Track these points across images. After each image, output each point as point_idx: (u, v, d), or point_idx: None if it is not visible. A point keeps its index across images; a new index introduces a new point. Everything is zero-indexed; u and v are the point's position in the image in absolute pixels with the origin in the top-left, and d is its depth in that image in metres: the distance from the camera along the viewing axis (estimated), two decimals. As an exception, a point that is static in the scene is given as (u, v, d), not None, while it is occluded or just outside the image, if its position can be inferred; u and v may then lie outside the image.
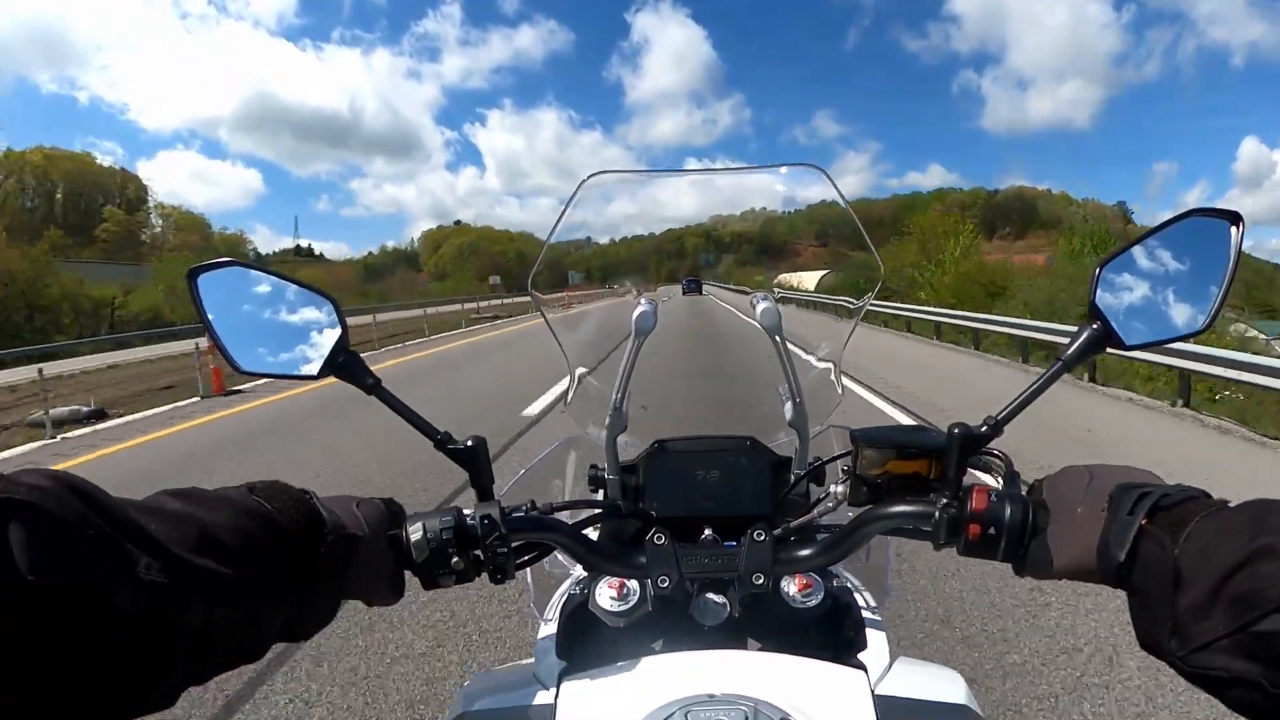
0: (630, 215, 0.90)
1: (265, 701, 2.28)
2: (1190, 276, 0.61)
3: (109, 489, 0.38)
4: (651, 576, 0.67)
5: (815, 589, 0.70)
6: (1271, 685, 0.38)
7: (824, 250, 10.83)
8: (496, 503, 0.62)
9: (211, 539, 0.42)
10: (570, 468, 0.91)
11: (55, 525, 0.33)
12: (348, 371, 0.64)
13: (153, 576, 0.37)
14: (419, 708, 2.23)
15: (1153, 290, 0.61)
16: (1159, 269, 0.61)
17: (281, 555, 0.47)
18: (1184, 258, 0.61)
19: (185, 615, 0.38)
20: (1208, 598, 0.41)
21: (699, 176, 0.96)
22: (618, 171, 0.79)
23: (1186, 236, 0.61)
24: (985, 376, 8.83)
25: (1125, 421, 6.32)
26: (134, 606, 0.36)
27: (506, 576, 0.62)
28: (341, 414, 6.81)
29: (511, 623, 2.74)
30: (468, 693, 0.66)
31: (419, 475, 4.57)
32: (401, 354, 14.04)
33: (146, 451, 6.25)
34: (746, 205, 1.03)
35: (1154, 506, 0.48)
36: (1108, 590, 0.52)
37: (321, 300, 0.66)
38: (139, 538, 0.37)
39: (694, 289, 0.71)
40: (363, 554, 0.55)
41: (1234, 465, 4.92)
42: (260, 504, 0.48)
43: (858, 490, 0.64)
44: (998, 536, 0.55)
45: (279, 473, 1.00)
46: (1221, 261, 0.59)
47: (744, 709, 0.52)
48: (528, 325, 18.76)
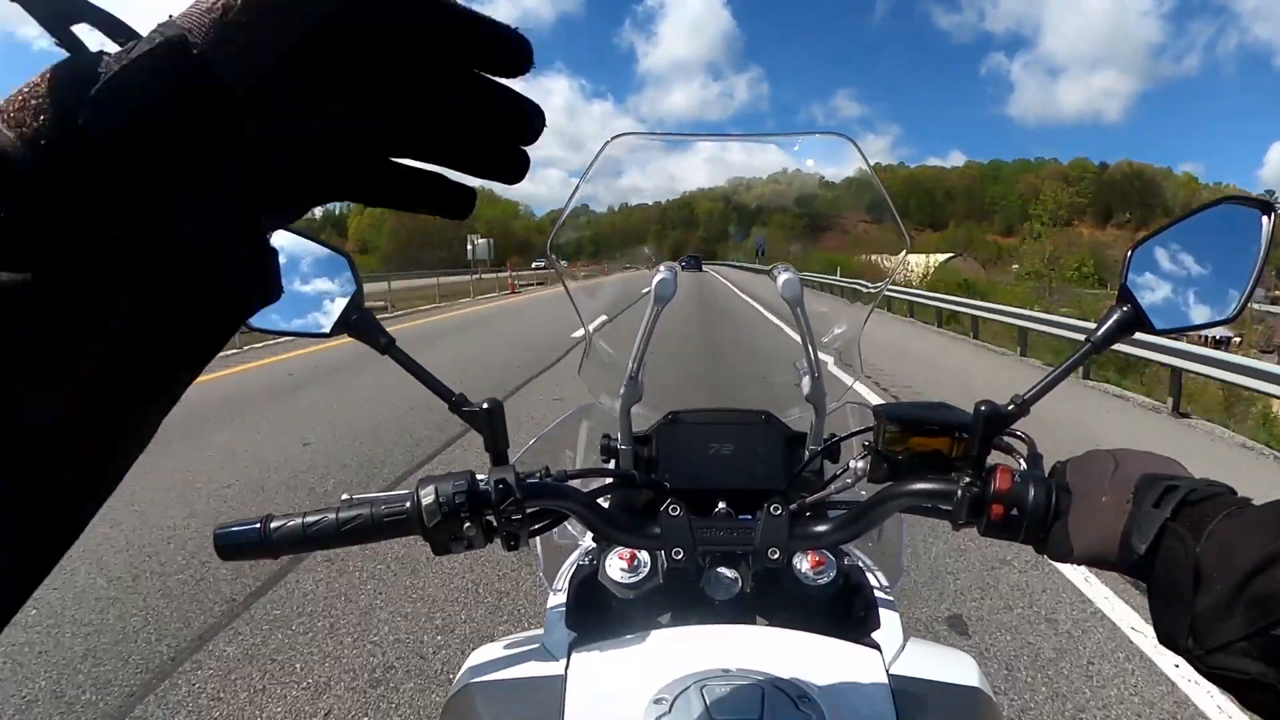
0: (642, 185, 0.88)
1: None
2: (1221, 264, 0.60)
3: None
4: (666, 548, 0.66)
5: (827, 567, 0.70)
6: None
7: (875, 227, 9.87)
8: (511, 468, 0.61)
9: None
10: (582, 437, 0.90)
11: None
12: (361, 330, 0.63)
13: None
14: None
15: (1183, 276, 0.61)
16: (1190, 255, 0.61)
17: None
18: (1215, 245, 0.61)
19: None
20: (1227, 598, 0.41)
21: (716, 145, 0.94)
22: (642, 134, 0.77)
23: (1218, 224, 0.60)
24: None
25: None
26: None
27: (520, 543, 0.61)
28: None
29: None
30: (475, 663, 0.65)
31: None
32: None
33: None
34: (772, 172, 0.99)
35: (1180, 502, 0.47)
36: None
37: (337, 258, 0.65)
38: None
39: (693, 266, 0.68)
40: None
41: None
42: None
43: (878, 466, 0.63)
44: (1020, 518, 0.54)
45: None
46: (1252, 250, 0.58)
47: (760, 684, 0.51)
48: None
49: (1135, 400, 7.10)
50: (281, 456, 4.48)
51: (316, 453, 4.54)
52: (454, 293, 22.17)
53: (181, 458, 4.41)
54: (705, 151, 0.89)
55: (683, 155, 0.97)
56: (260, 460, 4.42)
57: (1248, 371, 5.87)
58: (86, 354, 0.23)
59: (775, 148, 0.86)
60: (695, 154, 0.94)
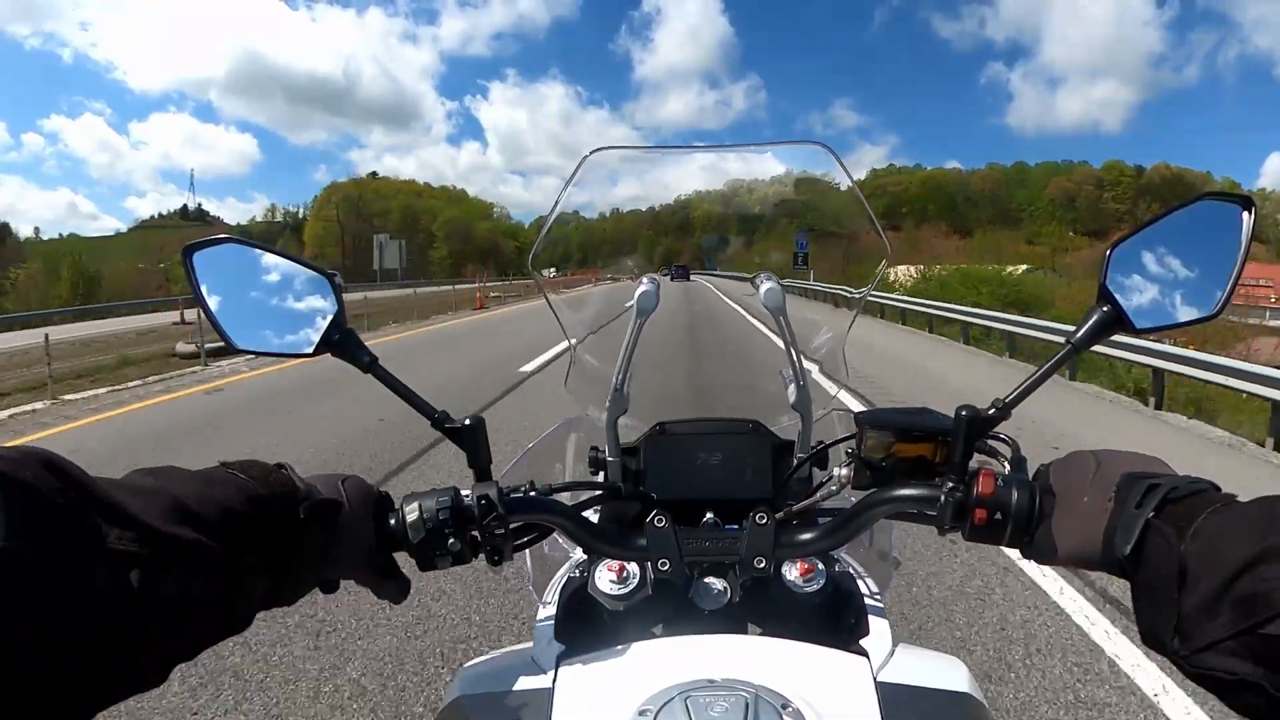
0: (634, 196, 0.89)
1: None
2: (1202, 261, 0.60)
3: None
4: (651, 559, 0.66)
5: (816, 574, 0.70)
6: (1275, 689, 0.37)
7: (894, 234, 9.40)
8: (495, 483, 0.61)
9: (185, 509, 0.42)
10: (570, 449, 0.90)
11: (26, 494, 0.33)
12: (343, 349, 0.63)
13: (124, 546, 0.36)
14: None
15: (1164, 274, 0.60)
16: (1170, 253, 0.61)
17: (258, 521, 0.47)
18: (1196, 242, 0.60)
19: (161, 586, 0.38)
20: (1213, 597, 0.40)
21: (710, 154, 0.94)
22: (621, 147, 0.77)
23: (1198, 221, 0.60)
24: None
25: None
26: (107, 578, 0.35)
27: (504, 558, 0.61)
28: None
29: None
30: (465, 676, 0.65)
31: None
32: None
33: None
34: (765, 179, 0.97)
35: (1163, 499, 0.47)
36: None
37: (318, 277, 0.65)
38: (111, 510, 0.37)
39: (681, 275, 0.69)
40: (346, 522, 0.55)
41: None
42: (234, 474, 0.48)
43: (862, 473, 0.63)
44: (1004, 521, 0.54)
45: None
46: (1233, 247, 0.58)
47: (744, 695, 0.51)
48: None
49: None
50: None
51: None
52: (403, 308, 18.77)
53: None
54: (694, 162, 0.89)
55: (670, 166, 0.97)
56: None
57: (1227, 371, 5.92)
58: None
59: (757, 158, 0.86)
60: (682, 165, 0.94)
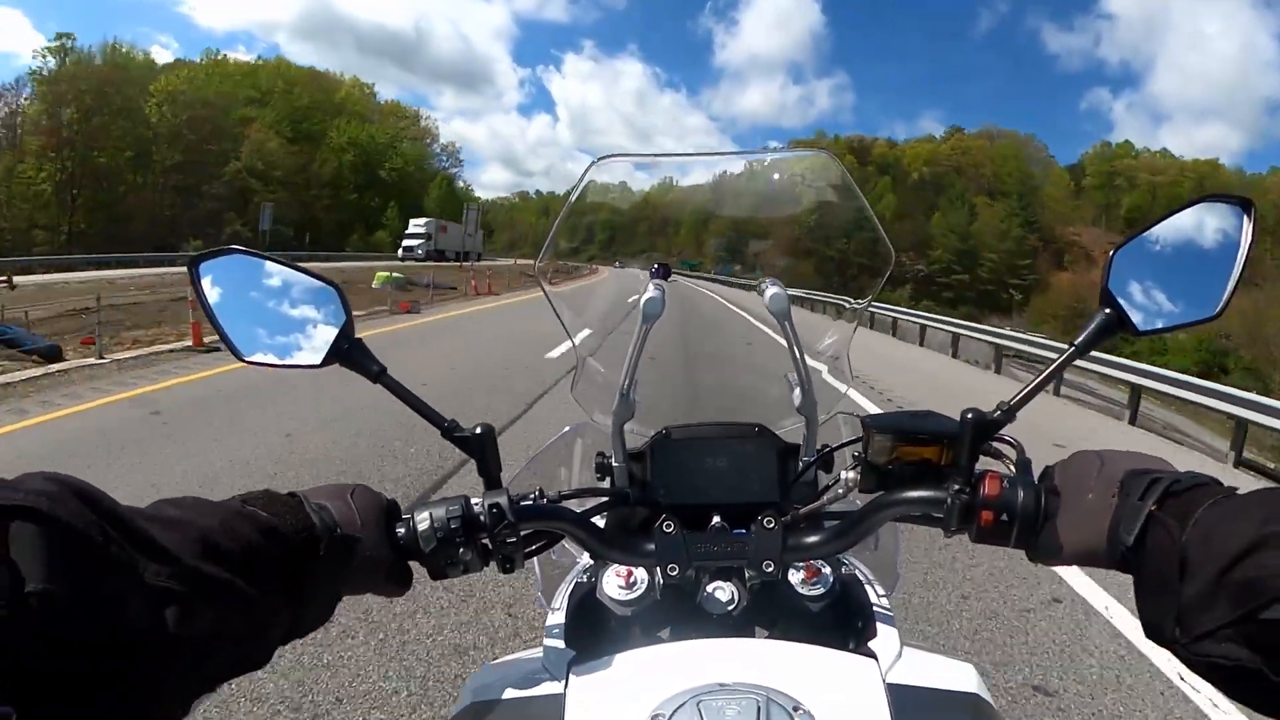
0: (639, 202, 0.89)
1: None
2: (1203, 263, 0.60)
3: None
4: (660, 565, 0.66)
5: (823, 577, 0.70)
6: (1274, 674, 0.38)
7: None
8: (504, 491, 0.61)
9: (214, 545, 0.41)
10: (577, 456, 0.90)
11: (64, 533, 0.32)
12: (352, 359, 0.64)
13: (162, 583, 0.36)
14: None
15: (1166, 276, 0.61)
16: (1172, 255, 0.61)
17: (282, 560, 0.47)
18: (1197, 244, 0.61)
19: (195, 624, 0.38)
20: (1212, 585, 0.41)
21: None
22: (629, 155, 0.77)
23: (1199, 223, 0.60)
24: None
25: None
26: (145, 615, 0.35)
27: (515, 566, 0.62)
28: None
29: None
30: (476, 683, 0.65)
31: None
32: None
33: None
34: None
35: (1164, 493, 0.47)
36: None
37: (325, 288, 0.65)
38: (146, 545, 0.36)
39: (660, 275, 0.69)
40: (361, 552, 0.55)
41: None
42: (255, 511, 0.48)
43: (868, 477, 0.63)
44: (1010, 523, 0.54)
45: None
46: (1234, 248, 0.58)
47: (755, 698, 0.51)
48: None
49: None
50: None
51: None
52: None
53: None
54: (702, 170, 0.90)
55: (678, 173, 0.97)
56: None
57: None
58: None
59: (763, 166, 0.86)
60: (690, 172, 0.94)
